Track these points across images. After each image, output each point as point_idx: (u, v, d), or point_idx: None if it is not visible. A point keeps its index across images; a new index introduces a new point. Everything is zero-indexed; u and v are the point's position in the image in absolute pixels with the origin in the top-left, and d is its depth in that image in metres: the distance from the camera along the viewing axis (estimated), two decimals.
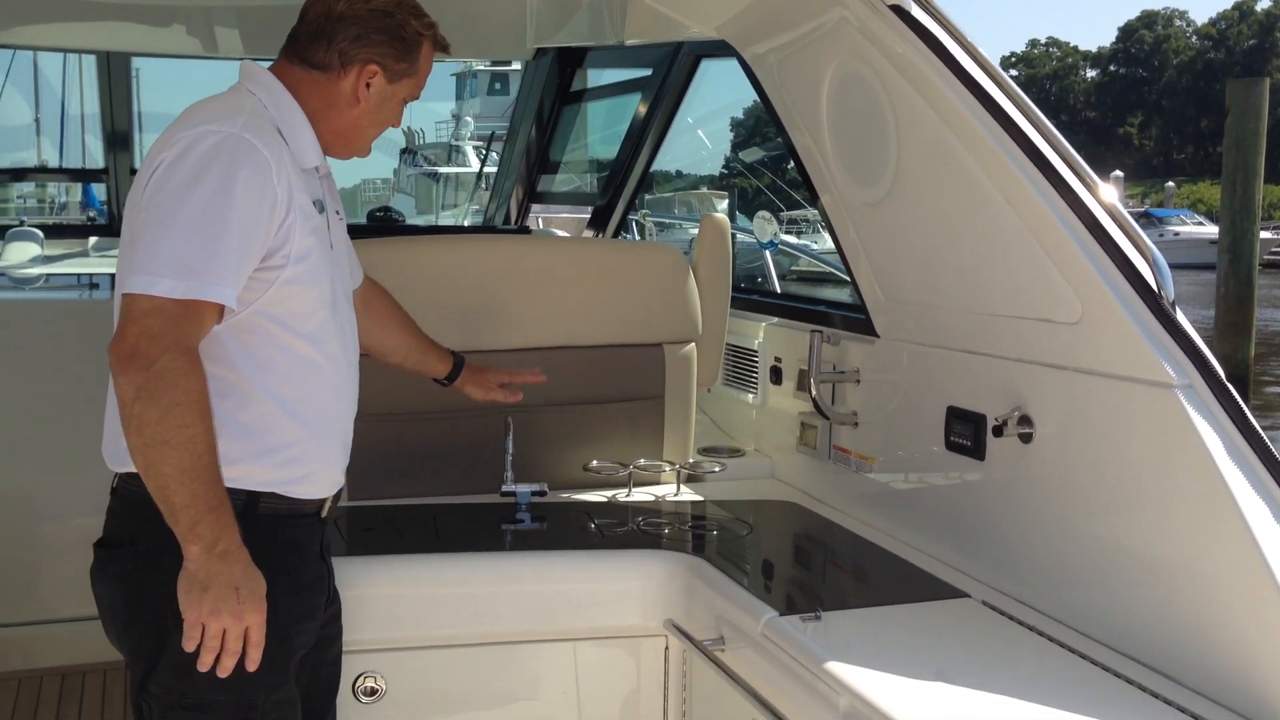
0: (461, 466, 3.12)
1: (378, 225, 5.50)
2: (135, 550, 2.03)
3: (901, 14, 2.41)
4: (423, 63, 2.24)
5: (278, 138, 2.05)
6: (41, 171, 15.72)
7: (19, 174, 15.15)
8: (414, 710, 2.62)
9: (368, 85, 2.17)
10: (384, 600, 2.58)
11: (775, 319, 3.67)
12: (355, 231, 5.46)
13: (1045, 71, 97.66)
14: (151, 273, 1.88)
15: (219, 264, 1.91)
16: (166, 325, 1.88)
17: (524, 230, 5.69)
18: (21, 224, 6.00)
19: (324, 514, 2.24)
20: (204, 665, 1.93)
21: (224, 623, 1.91)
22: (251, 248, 1.97)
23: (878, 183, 2.76)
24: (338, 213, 2.31)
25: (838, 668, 2.04)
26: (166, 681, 2.01)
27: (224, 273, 1.92)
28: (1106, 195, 2.19)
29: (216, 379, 1.99)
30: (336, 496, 2.28)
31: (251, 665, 1.96)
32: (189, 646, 1.92)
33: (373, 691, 2.57)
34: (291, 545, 2.15)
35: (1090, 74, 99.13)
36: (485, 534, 2.87)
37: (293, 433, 2.09)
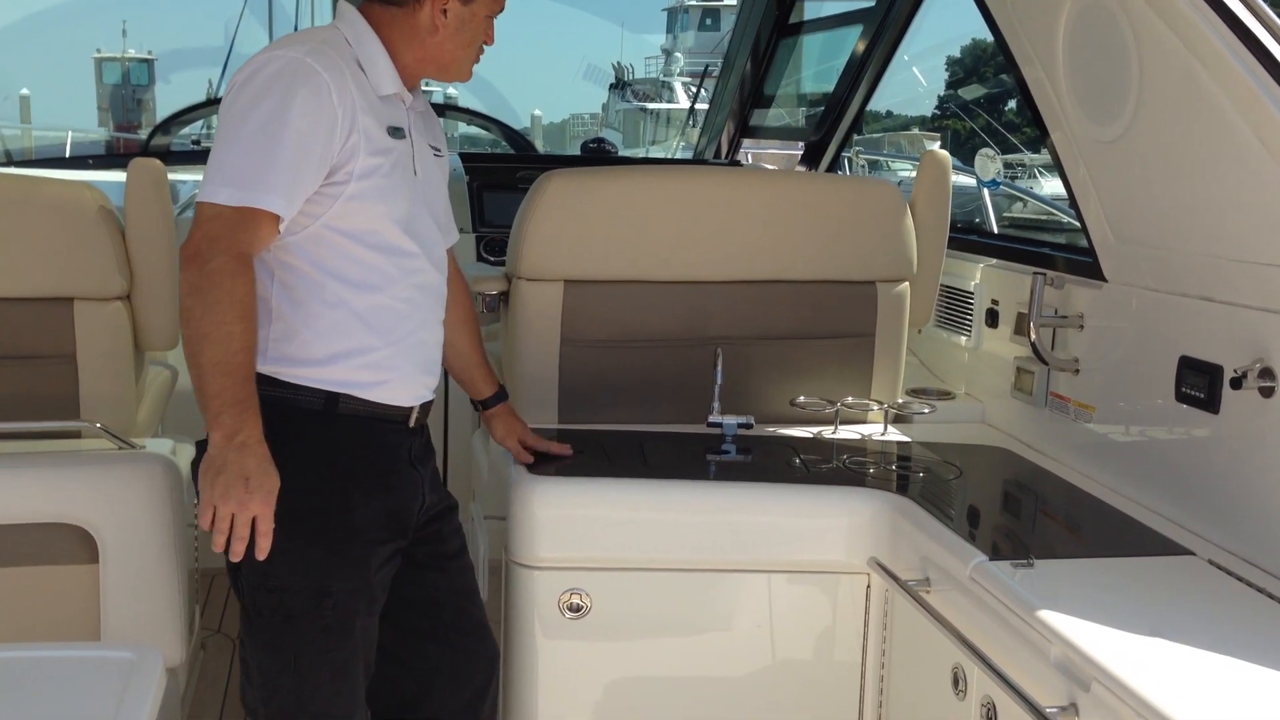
0: (669, 396, 3.15)
1: (591, 155, 5.56)
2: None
3: None
4: None
5: (343, 65, 2.16)
6: None
7: None
8: (615, 629, 2.69)
9: (444, 12, 2.25)
10: (591, 521, 2.65)
11: (994, 260, 3.56)
12: (568, 162, 5.59)
13: None
14: (214, 183, 2.07)
15: (271, 175, 2.06)
16: (224, 230, 2.05)
17: (735, 165, 5.66)
18: None
19: (412, 423, 2.33)
20: (217, 546, 2.05)
21: (231, 508, 2.02)
22: (307, 162, 2.10)
23: (1115, 118, 2.62)
24: (434, 149, 2.42)
25: (1051, 616, 1.99)
26: (253, 565, 2.13)
27: (276, 183, 2.06)
28: None
29: (294, 287, 2.18)
30: (426, 410, 2.37)
31: (260, 554, 2.06)
32: (203, 524, 2.05)
33: (577, 608, 2.65)
34: (373, 446, 2.27)
35: None
36: (691, 463, 2.90)
37: (368, 340, 2.22)
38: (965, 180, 5.94)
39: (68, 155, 6.35)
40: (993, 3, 3.01)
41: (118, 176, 4.47)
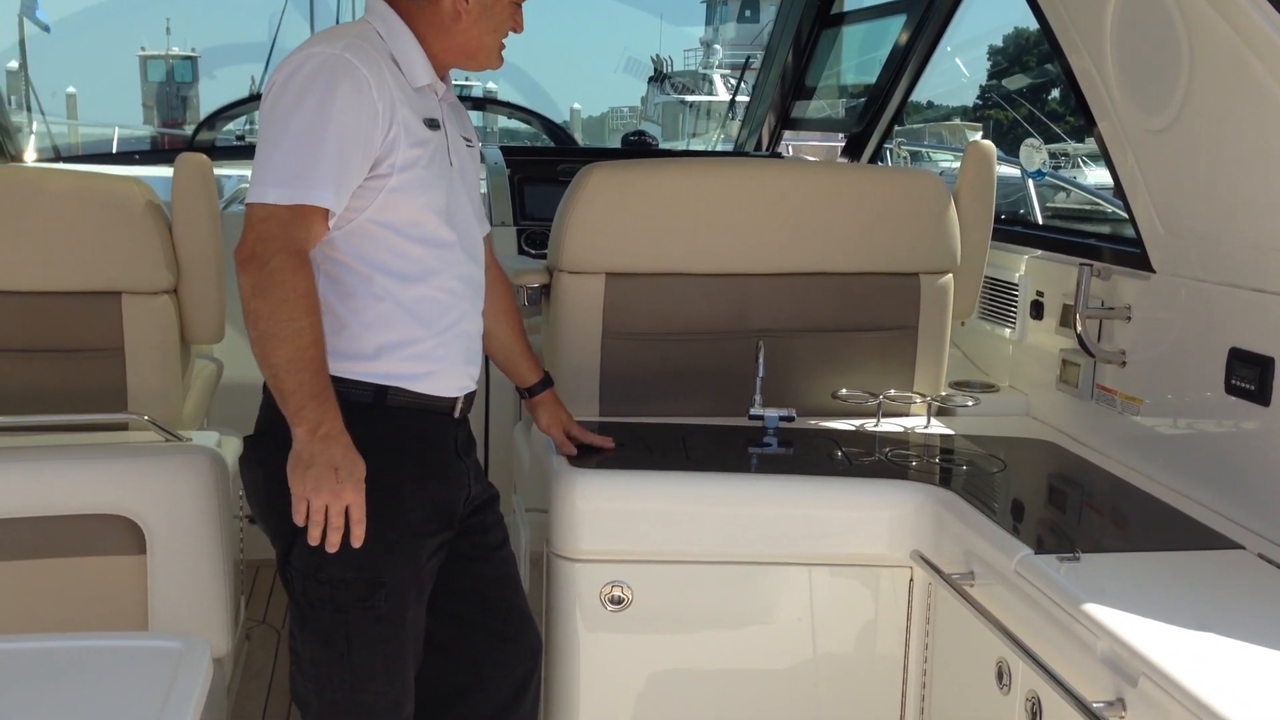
0: (711, 388, 3.15)
1: (632, 148, 5.55)
2: (276, 437, 2.17)
3: None
4: None
5: (380, 59, 2.19)
6: None
7: None
8: (656, 622, 2.69)
9: (466, 0, 2.27)
10: (633, 514, 2.65)
11: (1039, 251, 3.52)
12: (609, 155, 5.58)
13: None
14: (264, 183, 2.09)
15: (319, 172, 2.09)
16: (278, 229, 2.07)
17: (776, 157, 5.64)
18: None
19: (456, 414, 2.35)
20: (312, 540, 2.10)
21: (324, 499, 2.07)
22: (352, 156, 2.13)
23: (1164, 108, 2.59)
24: (466, 139, 2.44)
25: (1097, 610, 1.97)
26: (304, 557, 2.18)
27: (324, 179, 2.09)
28: None
29: (341, 281, 2.21)
30: (470, 400, 2.39)
31: (356, 541, 2.11)
32: (297, 520, 2.09)
33: (619, 600, 2.65)
34: (421, 437, 2.29)
35: None
36: (732, 455, 2.89)
37: (414, 331, 2.25)
38: (1008, 170, 5.88)
39: (115, 151, 6.42)
40: None
41: (164, 172, 4.51)
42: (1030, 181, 5.63)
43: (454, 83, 2.46)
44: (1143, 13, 2.56)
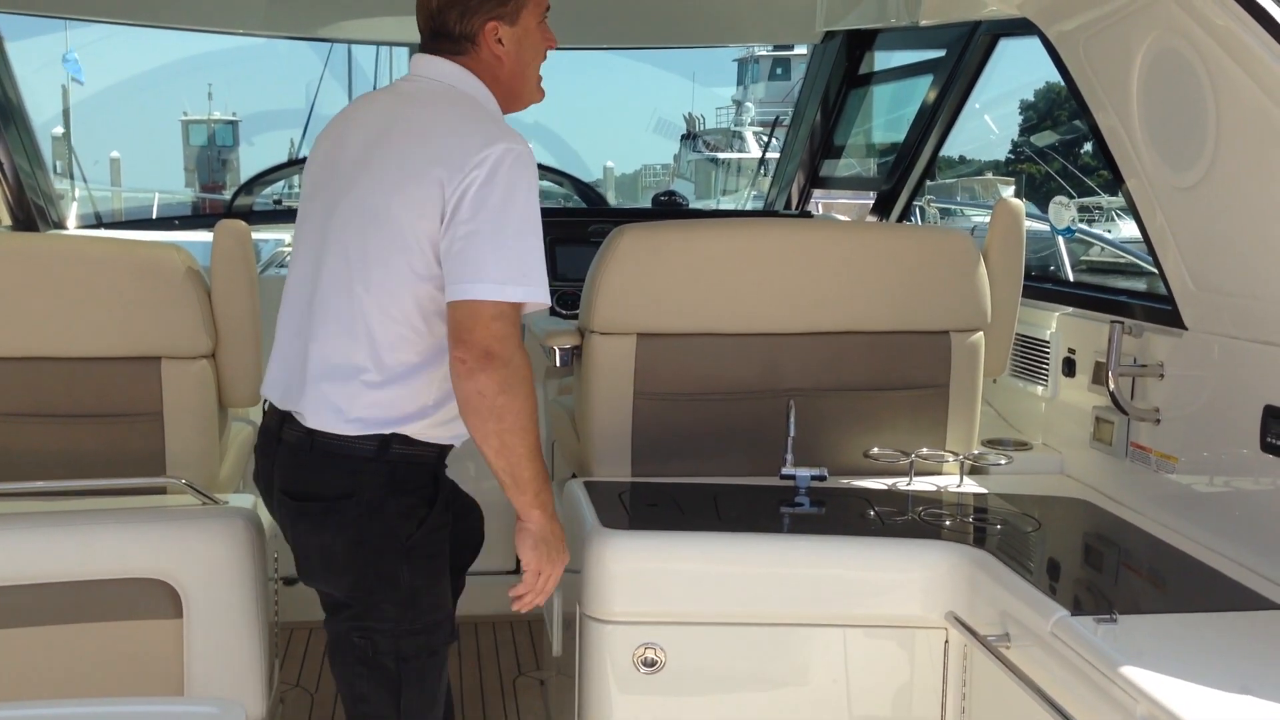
0: (742, 448, 3.15)
1: (662, 208, 5.59)
2: (358, 501, 2.27)
3: None
4: None
5: None
6: None
7: None
8: (690, 684, 2.67)
9: (499, 41, 2.32)
10: (665, 575, 2.65)
11: (1069, 308, 3.51)
12: (639, 215, 5.61)
13: None
14: (492, 280, 2.14)
15: (539, 269, 2.18)
16: (511, 328, 2.16)
17: (805, 215, 5.67)
18: None
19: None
20: (526, 606, 2.34)
21: (552, 571, 2.32)
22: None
23: (1192, 165, 2.59)
24: None
25: (1135, 673, 1.94)
26: (395, 614, 2.32)
27: (542, 277, 2.19)
28: None
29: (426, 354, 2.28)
30: None
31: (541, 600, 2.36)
32: (524, 592, 2.33)
33: (652, 663, 2.64)
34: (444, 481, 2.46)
35: None
36: (764, 516, 2.89)
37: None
38: (1040, 226, 5.88)
39: (155, 216, 6.54)
40: (1065, 50, 3.00)
41: (203, 236, 4.59)
42: (1060, 239, 5.63)
43: None
44: (1168, 71, 2.58)
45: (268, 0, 5.12)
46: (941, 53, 4.63)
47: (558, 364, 3.23)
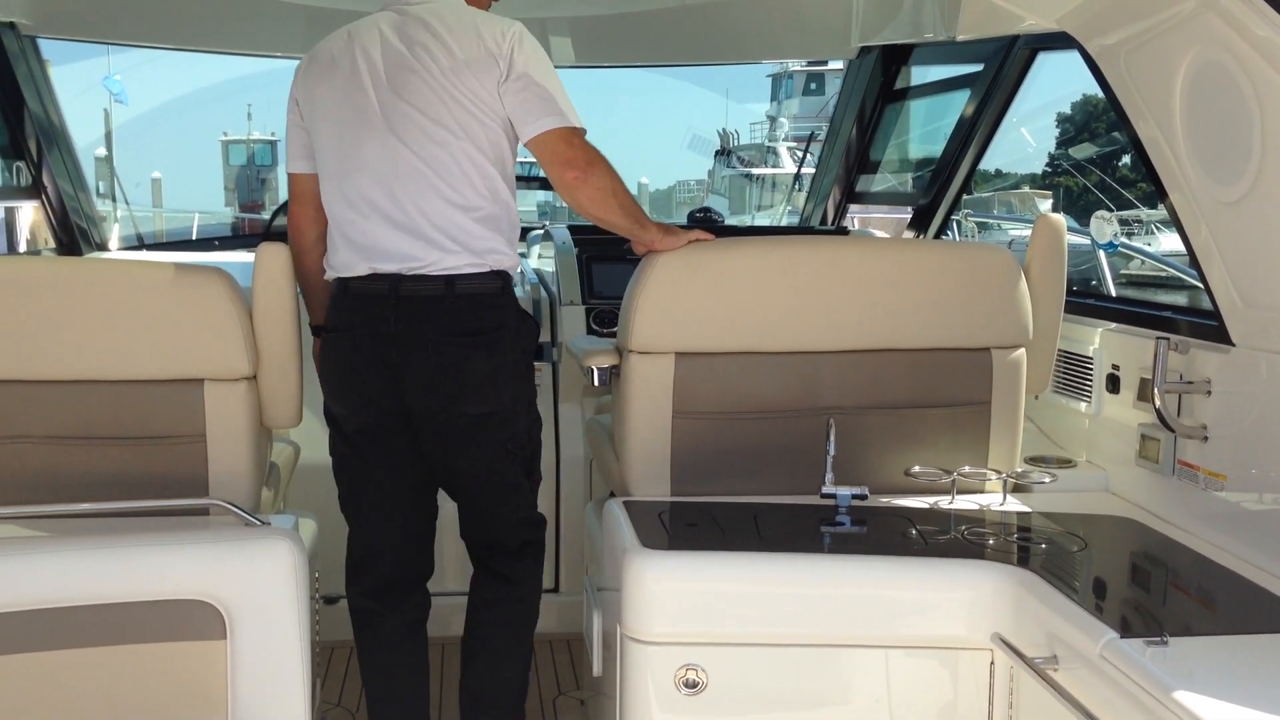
0: (782, 467, 3.13)
1: (698, 226, 5.58)
2: (501, 333, 2.94)
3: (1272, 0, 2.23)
4: None
5: None
6: None
7: None
8: (732, 705, 2.65)
9: None
10: (707, 595, 2.63)
11: (1113, 324, 3.48)
12: None
13: None
14: (567, 113, 2.88)
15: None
16: (585, 139, 2.94)
17: (842, 231, 5.65)
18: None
19: None
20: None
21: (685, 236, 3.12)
22: None
23: (1238, 179, 2.56)
24: None
25: (1188, 698, 1.91)
26: (528, 428, 3.11)
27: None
28: None
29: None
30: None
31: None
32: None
33: (694, 684, 2.62)
34: None
35: None
36: (805, 535, 2.87)
37: None
38: (1079, 239, 5.83)
39: (195, 238, 6.61)
40: (1105, 65, 2.98)
41: (243, 256, 4.62)
42: (1102, 253, 5.58)
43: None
44: (1212, 84, 2.55)
45: (306, 24, 5.17)
46: (979, 67, 4.60)
47: (595, 383, 3.23)
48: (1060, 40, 3.26)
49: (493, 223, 2.93)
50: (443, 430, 2.97)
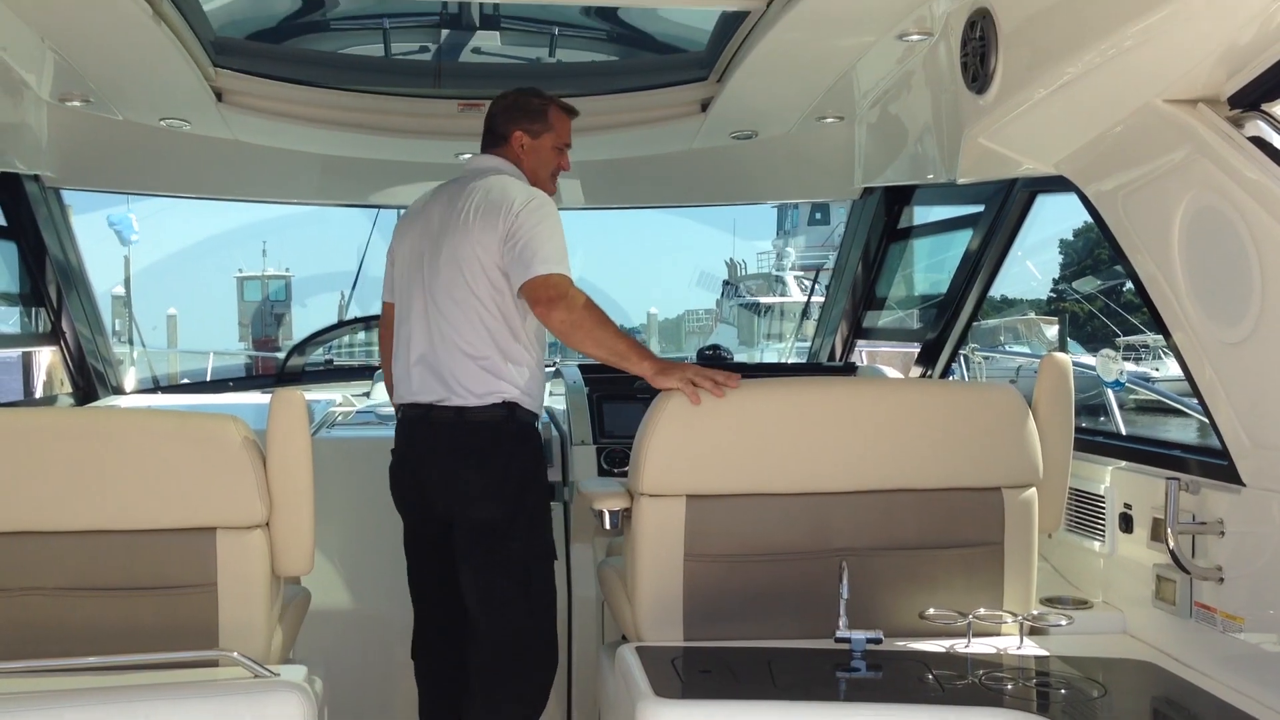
0: (795, 609, 3.10)
1: (707, 364, 5.62)
2: (495, 451, 3.39)
3: (1262, 145, 2.29)
4: (554, 120, 3.63)
5: None
6: None
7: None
8: None
9: (522, 146, 3.60)
10: None
11: (1123, 463, 3.47)
12: None
13: None
14: (553, 261, 3.27)
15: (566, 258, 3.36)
16: (566, 280, 3.29)
17: (850, 367, 5.69)
18: None
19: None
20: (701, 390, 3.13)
21: (689, 372, 3.15)
22: None
23: (1240, 321, 2.59)
24: None
25: None
26: (525, 536, 3.43)
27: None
28: None
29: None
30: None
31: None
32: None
33: None
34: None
35: None
36: (820, 682, 2.83)
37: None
38: (1087, 362, 5.85)
39: (209, 379, 6.68)
40: (1103, 208, 3.04)
41: (256, 397, 4.65)
42: (1110, 391, 5.60)
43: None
44: (1210, 229, 2.60)
45: (321, 172, 5.31)
46: (979, 207, 4.69)
47: (607, 526, 3.22)
48: (1058, 183, 3.34)
49: (496, 369, 3.43)
50: (455, 534, 3.48)
